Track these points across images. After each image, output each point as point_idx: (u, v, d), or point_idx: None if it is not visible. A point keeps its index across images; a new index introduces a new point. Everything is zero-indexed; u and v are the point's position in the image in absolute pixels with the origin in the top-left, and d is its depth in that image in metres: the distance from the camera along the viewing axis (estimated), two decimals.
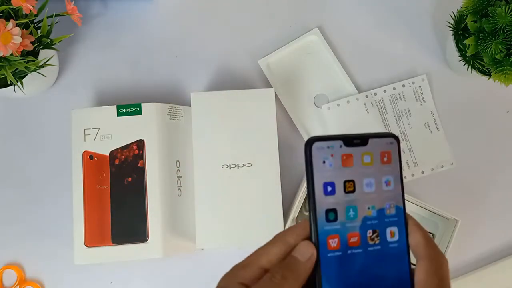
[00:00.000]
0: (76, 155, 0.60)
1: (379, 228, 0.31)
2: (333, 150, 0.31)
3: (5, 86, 0.56)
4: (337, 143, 0.31)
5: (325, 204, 0.31)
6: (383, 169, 0.32)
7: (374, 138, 0.32)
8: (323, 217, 0.30)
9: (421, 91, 0.67)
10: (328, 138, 0.31)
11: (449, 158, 0.66)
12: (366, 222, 0.31)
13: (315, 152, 0.31)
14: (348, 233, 0.31)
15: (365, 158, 0.31)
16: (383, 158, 0.32)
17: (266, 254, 0.30)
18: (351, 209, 0.31)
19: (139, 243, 0.58)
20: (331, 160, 0.31)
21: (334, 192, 0.31)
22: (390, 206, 0.32)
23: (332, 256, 0.30)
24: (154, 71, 0.67)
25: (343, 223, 0.31)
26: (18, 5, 0.51)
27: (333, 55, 0.67)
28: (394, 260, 0.31)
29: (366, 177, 0.31)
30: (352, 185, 0.31)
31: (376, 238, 0.31)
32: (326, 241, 0.30)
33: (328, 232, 0.30)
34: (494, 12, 0.53)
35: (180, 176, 0.62)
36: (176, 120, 0.63)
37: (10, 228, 0.64)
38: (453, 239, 0.60)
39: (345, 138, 0.31)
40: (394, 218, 0.32)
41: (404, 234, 0.32)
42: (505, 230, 0.65)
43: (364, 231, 0.31)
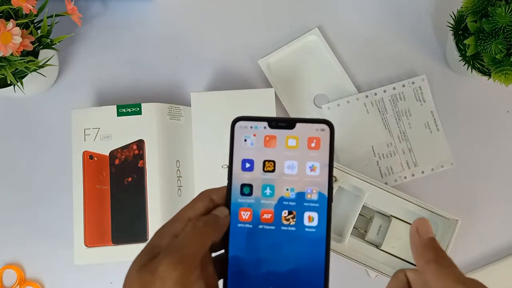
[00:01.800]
0: (76, 155, 0.60)
1: (296, 210, 0.32)
2: (256, 130, 0.33)
3: (5, 86, 0.56)
4: (262, 124, 0.33)
5: (242, 179, 0.32)
6: (309, 154, 0.32)
7: (302, 123, 0.32)
8: (238, 190, 0.32)
9: (421, 91, 0.67)
10: (253, 119, 0.33)
11: (449, 158, 0.66)
12: (282, 202, 0.32)
13: (237, 130, 0.33)
14: (262, 209, 0.32)
15: (290, 141, 0.32)
16: (310, 143, 0.32)
17: (193, 208, 0.33)
18: (268, 187, 0.32)
19: (139, 243, 0.58)
20: (253, 139, 0.32)
21: (252, 169, 0.32)
22: (312, 191, 0.32)
23: (242, 227, 0.32)
24: (154, 71, 0.67)
25: (257, 199, 0.32)
26: (18, 5, 0.51)
27: (333, 55, 0.67)
28: (308, 244, 0.32)
29: (288, 160, 0.32)
30: (272, 165, 0.32)
31: (291, 219, 0.32)
32: (238, 212, 0.32)
33: (241, 205, 0.32)
34: (494, 12, 0.53)
35: (180, 176, 0.62)
36: (176, 120, 0.63)
37: (10, 228, 0.64)
38: (453, 239, 0.60)
39: (270, 120, 0.32)
40: (315, 204, 0.32)
41: (325, 222, 0.32)
42: (505, 230, 0.65)
43: (279, 210, 0.32)
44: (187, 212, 0.33)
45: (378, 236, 0.63)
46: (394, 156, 0.66)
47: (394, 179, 0.65)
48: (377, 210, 0.64)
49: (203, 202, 0.33)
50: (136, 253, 0.62)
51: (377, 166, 0.66)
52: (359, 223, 0.63)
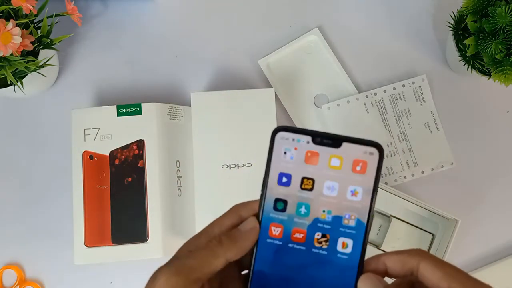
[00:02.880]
0: (76, 155, 0.60)
1: (331, 234, 0.30)
2: (298, 144, 0.30)
3: (5, 86, 0.56)
4: (305, 138, 0.30)
5: (276, 193, 0.31)
6: (352, 177, 0.30)
7: (350, 143, 0.30)
8: (271, 204, 0.31)
9: (421, 91, 0.67)
10: (296, 131, 0.30)
11: (449, 158, 0.66)
12: (317, 223, 0.30)
13: (278, 140, 0.30)
14: (294, 228, 0.30)
15: (333, 160, 0.30)
16: (356, 166, 0.30)
17: (219, 225, 0.31)
18: (303, 206, 0.30)
19: (139, 243, 0.58)
20: (293, 153, 0.30)
21: (288, 184, 0.30)
22: (351, 217, 0.30)
23: (270, 242, 0.31)
24: (154, 71, 0.67)
25: (291, 216, 0.30)
26: (18, 5, 0.51)
27: (333, 55, 0.67)
28: (338, 270, 0.30)
29: (329, 180, 0.30)
30: (310, 183, 0.30)
31: (324, 242, 0.30)
32: (269, 226, 0.31)
33: (272, 219, 0.31)
34: (494, 12, 0.53)
35: (180, 176, 0.62)
36: (176, 120, 0.63)
37: (10, 228, 0.64)
38: (453, 239, 0.60)
39: (315, 135, 0.30)
40: (352, 231, 0.30)
41: (359, 250, 0.30)
42: (505, 230, 0.65)
43: (312, 232, 0.30)
44: (214, 228, 0.32)
45: (378, 236, 0.63)
46: (394, 156, 0.66)
47: (394, 179, 0.65)
48: (377, 210, 0.64)
49: (230, 218, 0.32)
50: (136, 253, 0.63)
51: None
52: None
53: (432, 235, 0.63)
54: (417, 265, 0.29)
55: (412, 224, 0.63)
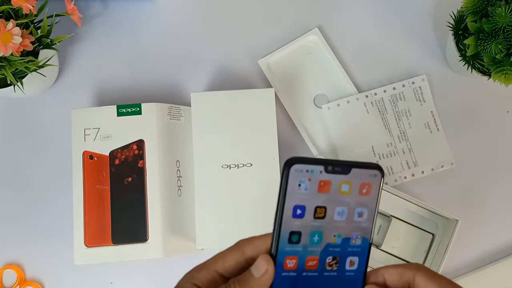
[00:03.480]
0: (76, 155, 0.60)
1: (340, 255, 0.31)
2: (311, 175, 0.30)
3: (5, 86, 0.56)
4: (318, 168, 0.30)
5: (291, 226, 0.30)
6: (359, 200, 0.31)
7: (357, 168, 0.31)
8: (286, 238, 0.30)
9: (421, 91, 0.67)
10: (310, 162, 0.30)
11: (449, 158, 0.66)
12: (328, 248, 0.31)
13: (293, 173, 0.29)
14: (308, 257, 0.31)
15: (343, 187, 0.30)
16: (362, 189, 0.31)
17: (222, 260, 0.31)
18: (316, 234, 0.31)
19: (139, 243, 0.58)
20: (307, 184, 0.30)
21: (303, 215, 0.30)
22: (357, 236, 0.31)
23: (286, 276, 0.30)
24: (154, 71, 0.67)
25: (305, 246, 0.30)
26: (18, 5, 0.51)
27: (333, 55, 0.67)
28: (346, 286, 0.31)
29: (339, 206, 0.31)
30: (323, 211, 0.30)
31: (334, 264, 0.31)
32: (284, 261, 0.30)
33: (287, 253, 0.30)
34: (494, 12, 0.53)
35: (180, 176, 0.62)
36: (176, 120, 0.63)
37: (10, 228, 0.64)
38: (453, 239, 0.60)
39: (327, 164, 0.30)
40: (358, 249, 0.31)
41: (364, 264, 0.31)
42: (505, 230, 0.65)
43: (324, 257, 0.31)
44: (216, 263, 0.31)
45: (378, 236, 0.63)
46: (394, 156, 0.66)
47: (394, 179, 0.65)
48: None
49: (234, 255, 0.31)
50: (136, 253, 0.63)
51: None
52: None
53: (432, 235, 0.63)
54: (413, 278, 0.30)
55: (412, 224, 0.63)
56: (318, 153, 0.65)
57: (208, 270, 0.31)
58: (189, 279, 0.31)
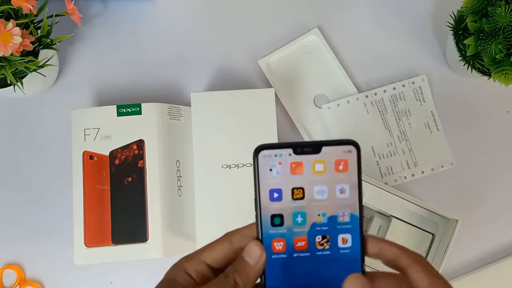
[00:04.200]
0: (76, 155, 0.60)
1: (330, 234, 0.32)
2: (281, 158, 0.31)
3: (5, 86, 0.56)
4: (286, 151, 0.31)
5: (271, 209, 0.31)
6: (337, 177, 0.31)
7: (328, 146, 0.31)
8: (268, 222, 0.31)
9: (421, 91, 0.67)
10: (276, 146, 0.31)
11: (449, 158, 0.66)
12: (315, 228, 0.31)
13: (262, 160, 0.31)
14: (295, 238, 0.31)
15: (317, 166, 0.31)
16: (338, 166, 0.31)
17: (211, 251, 0.32)
18: (299, 215, 0.31)
19: (139, 243, 0.58)
20: (279, 168, 0.31)
21: (280, 198, 0.31)
22: (344, 213, 0.32)
23: (276, 258, 0.31)
24: (154, 71, 0.67)
25: (289, 228, 0.31)
26: (18, 5, 0.51)
27: (333, 55, 0.67)
28: (345, 265, 0.32)
29: (317, 185, 0.31)
30: (301, 192, 0.31)
31: (325, 243, 0.32)
32: (271, 244, 0.31)
33: (273, 236, 0.31)
34: (494, 12, 0.53)
35: (180, 176, 0.62)
36: (176, 120, 0.63)
37: (10, 228, 0.64)
38: (453, 239, 0.60)
39: (295, 147, 0.31)
40: (348, 226, 0.32)
41: (359, 241, 0.32)
42: (505, 230, 0.65)
43: (312, 237, 0.31)
44: (204, 253, 0.32)
45: (378, 236, 0.63)
46: (394, 156, 0.66)
47: (394, 179, 0.65)
48: (377, 210, 0.64)
49: (222, 245, 0.32)
50: (136, 253, 0.63)
51: (377, 166, 0.66)
52: None
53: (432, 235, 0.63)
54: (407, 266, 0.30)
55: (412, 224, 0.63)
56: None
57: (197, 261, 0.32)
58: (179, 267, 0.32)
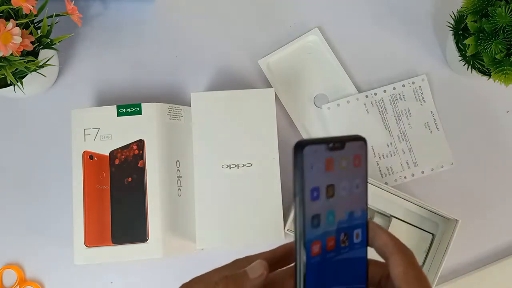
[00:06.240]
0: (76, 155, 0.60)
1: (349, 230, 0.31)
2: (319, 155, 0.30)
3: (5, 86, 0.56)
4: (322, 147, 0.30)
5: (312, 210, 0.30)
6: (354, 173, 0.31)
7: (350, 142, 0.31)
8: (310, 224, 0.30)
9: (421, 91, 0.67)
10: (317, 142, 0.30)
11: (449, 158, 0.66)
12: (340, 225, 0.31)
13: (307, 156, 0.29)
14: (328, 238, 0.31)
15: (343, 162, 0.31)
16: (355, 161, 0.31)
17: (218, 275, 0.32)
18: (330, 214, 0.31)
19: (139, 243, 0.58)
20: (318, 165, 0.30)
21: (318, 197, 0.30)
22: (357, 208, 0.32)
23: (314, 262, 0.30)
24: (154, 71, 0.67)
25: (324, 228, 0.30)
26: (18, 5, 0.51)
27: (333, 55, 0.67)
28: (355, 259, 0.32)
29: (343, 181, 0.31)
30: (332, 189, 0.30)
31: (346, 240, 0.31)
32: (311, 247, 0.30)
33: (312, 239, 0.30)
34: (494, 12, 0.53)
35: (180, 176, 0.62)
36: (176, 120, 0.63)
37: (10, 228, 0.64)
38: (453, 239, 0.60)
39: (329, 142, 0.30)
40: (360, 220, 0.32)
41: (365, 235, 0.32)
42: (505, 230, 0.65)
43: (338, 235, 0.31)
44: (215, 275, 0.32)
45: None
46: (394, 156, 0.66)
47: (394, 179, 0.65)
48: (377, 210, 0.64)
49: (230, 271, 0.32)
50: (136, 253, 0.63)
51: (377, 166, 0.66)
52: None
53: (432, 235, 0.63)
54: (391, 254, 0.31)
55: (412, 224, 0.63)
56: None
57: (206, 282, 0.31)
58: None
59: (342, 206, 0.31)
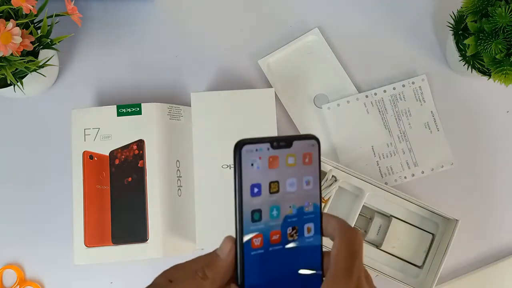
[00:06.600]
0: (76, 155, 0.60)
1: (298, 224, 0.33)
2: (261, 153, 0.32)
3: (5, 86, 0.56)
4: (265, 146, 0.32)
5: (251, 205, 0.32)
6: (304, 170, 0.33)
7: (298, 140, 0.33)
8: (249, 218, 0.32)
9: (421, 91, 0.67)
10: (257, 141, 0.32)
11: (449, 158, 0.66)
12: (287, 220, 0.33)
13: (245, 155, 0.31)
14: (271, 232, 0.32)
15: (289, 159, 0.33)
16: (305, 159, 0.33)
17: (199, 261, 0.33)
18: (274, 208, 0.32)
19: (139, 243, 0.58)
20: (259, 163, 0.32)
21: (260, 193, 0.32)
22: (309, 204, 0.33)
23: (255, 254, 0.32)
24: (154, 71, 0.67)
25: (266, 223, 0.32)
26: (18, 5, 0.51)
27: (333, 55, 0.67)
28: (308, 252, 0.33)
29: (289, 178, 0.33)
30: (276, 185, 0.32)
31: (295, 234, 0.33)
32: (251, 240, 0.32)
33: (252, 232, 0.32)
34: (494, 12, 0.53)
35: (180, 176, 0.62)
36: (176, 120, 0.63)
37: (10, 228, 0.64)
38: (453, 239, 0.60)
39: (272, 141, 0.32)
40: (311, 215, 0.33)
41: (319, 229, 0.34)
42: (505, 230, 0.65)
43: (285, 229, 0.33)
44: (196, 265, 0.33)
45: (378, 236, 0.63)
46: (394, 156, 0.66)
47: (394, 179, 0.65)
48: (377, 210, 0.64)
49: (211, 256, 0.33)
50: (136, 253, 0.63)
51: (377, 166, 0.66)
52: (359, 223, 0.63)
53: (432, 235, 0.63)
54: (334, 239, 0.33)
55: (412, 224, 0.63)
56: None
57: (187, 271, 0.32)
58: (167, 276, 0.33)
59: (290, 202, 0.33)
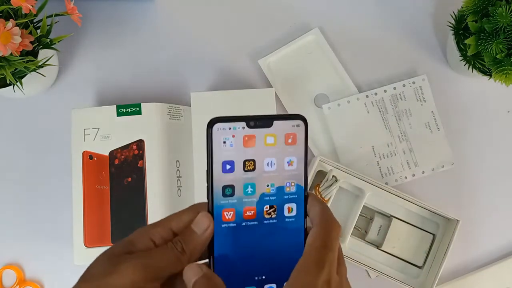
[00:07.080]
0: (76, 155, 0.60)
1: (277, 204, 0.33)
2: (234, 131, 0.32)
3: (4, 86, 0.56)
4: (239, 125, 0.32)
5: (223, 180, 0.32)
6: (286, 150, 0.33)
7: (279, 120, 0.33)
8: (220, 192, 0.32)
9: (421, 91, 0.67)
10: (230, 120, 0.32)
11: (449, 158, 0.66)
12: (264, 198, 0.33)
13: (216, 132, 0.32)
14: (245, 207, 0.33)
15: (268, 139, 0.33)
16: (288, 139, 0.33)
17: (177, 219, 0.33)
18: (249, 186, 0.33)
19: None
20: (232, 141, 0.32)
21: (233, 170, 0.32)
22: (291, 184, 0.33)
23: (225, 227, 0.33)
24: (154, 71, 0.67)
25: (240, 198, 0.33)
26: (17, 5, 0.51)
27: (333, 55, 0.67)
28: (290, 232, 0.34)
29: (268, 157, 0.33)
30: (252, 164, 0.33)
31: (273, 212, 0.33)
32: (221, 213, 0.33)
33: (223, 206, 0.33)
34: (494, 12, 0.53)
35: (180, 176, 0.62)
36: (176, 120, 0.63)
37: (10, 228, 0.64)
38: (453, 239, 0.60)
39: (248, 120, 0.32)
40: (294, 196, 0.34)
41: (303, 210, 0.34)
42: (505, 230, 0.65)
43: (261, 206, 0.33)
44: (172, 221, 0.33)
45: (378, 236, 0.63)
46: (394, 156, 0.66)
47: (395, 179, 0.65)
48: (377, 210, 0.64)
49: (189, 215, 0.33)
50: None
51: (377, 166, 0.65)
52: (360, 223, 0.63)
53: (433, 235, 0.63)
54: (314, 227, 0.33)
55: (413, 224, 0.63)
56: (319, 152, 0.65)
57: (163, 227, 0.33)
58: (144, 233, 0.33)
59: (268, 180, 0.33)
